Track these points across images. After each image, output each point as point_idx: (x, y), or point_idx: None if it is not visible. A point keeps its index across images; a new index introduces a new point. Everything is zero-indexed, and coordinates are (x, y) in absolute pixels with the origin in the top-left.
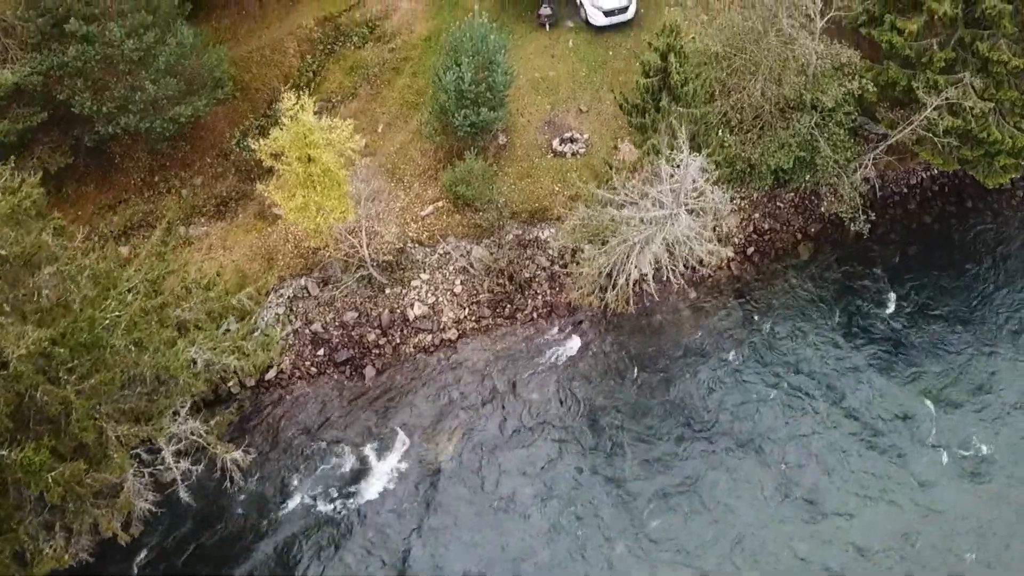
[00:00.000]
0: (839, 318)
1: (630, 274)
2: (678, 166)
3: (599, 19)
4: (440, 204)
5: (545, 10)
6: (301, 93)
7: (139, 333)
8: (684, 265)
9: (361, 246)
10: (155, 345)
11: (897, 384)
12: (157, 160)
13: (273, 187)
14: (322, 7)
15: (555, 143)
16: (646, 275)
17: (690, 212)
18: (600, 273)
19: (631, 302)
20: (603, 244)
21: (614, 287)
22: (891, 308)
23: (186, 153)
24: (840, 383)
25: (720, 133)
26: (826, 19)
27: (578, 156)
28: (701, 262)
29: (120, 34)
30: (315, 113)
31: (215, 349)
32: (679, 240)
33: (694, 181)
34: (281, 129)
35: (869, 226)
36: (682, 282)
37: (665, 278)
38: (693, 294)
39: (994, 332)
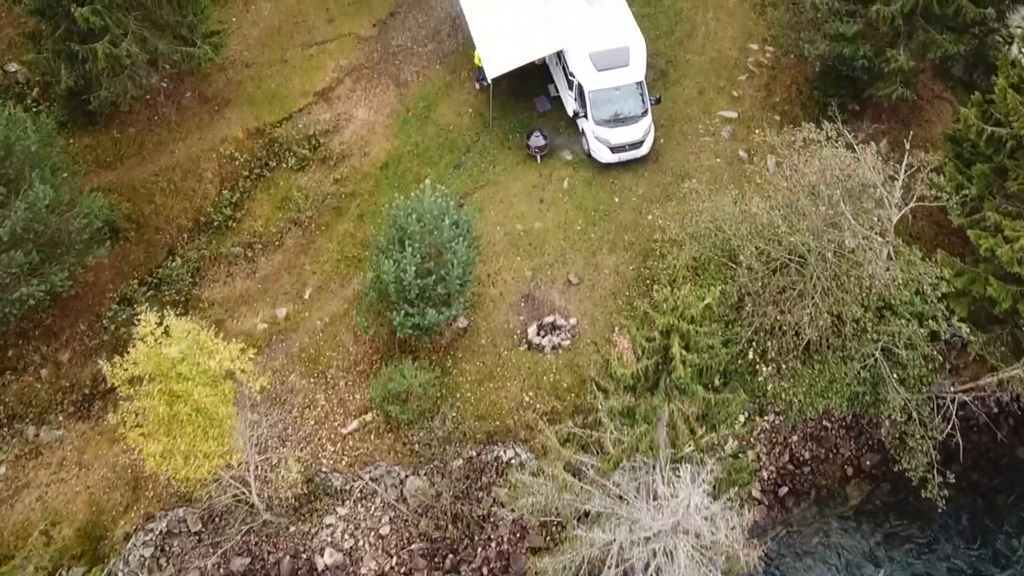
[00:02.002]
0: None
1: None
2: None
3: (604, 155)
4: (369, 418)
5: (537, 140)
6: (179, 311)
7: None
8: None
9: (251, 492)
10: None
11: None
12: (10, 330)
13: (130, 418)
14: (255, 114)
15: (532, 332)
16: None
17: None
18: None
19: None
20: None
21: None
22: None
23: (53, 318)
24: None
25: (751, 356)
26: (904, 211)
27: (560, 351)
28: None
29: None
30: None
31: None
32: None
33: (699, 509)
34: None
35: (945, 495)
36: None
37: None
38: None
39: None
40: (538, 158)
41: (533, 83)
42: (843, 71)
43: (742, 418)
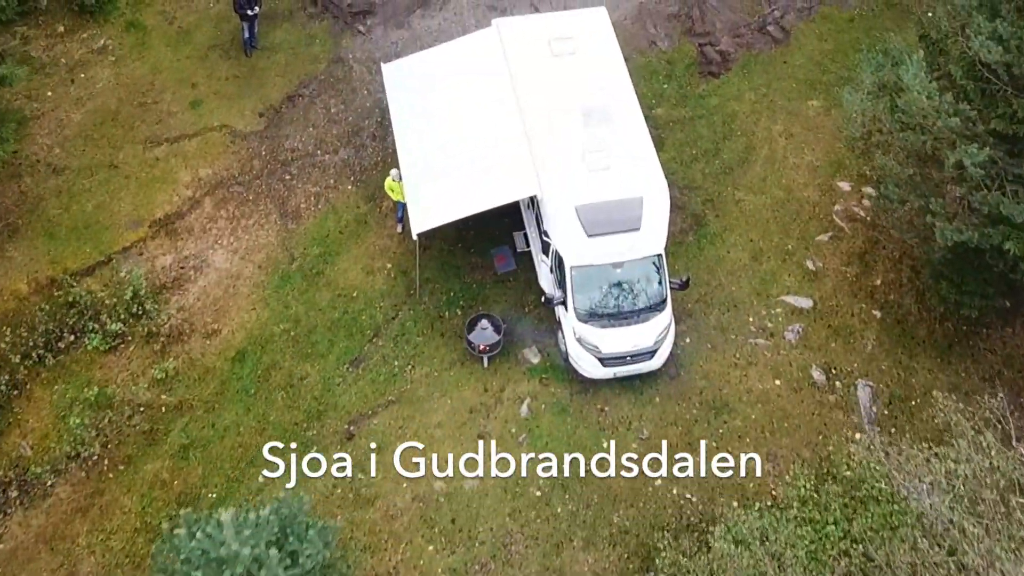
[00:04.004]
0: None
1: None
2: None
3: (591, 368)
4: None
5: (485, 334)
6: None
7: None
8: None
9: None
10: None
11: None
12: None
13: None
14: (54, 254)
15: None
16: None
17: None
18: None
19: None
20: None
21: None
22: None
23: None
24: None
25: None
26: None
27: None
28: None
29: None
30: None
31: None
32: None
33: None
34: None
35: None
36: None
37: None
38: None
39: None
40: (485, 360)
41: (492, 226)
42: (994, 265)
43: None
